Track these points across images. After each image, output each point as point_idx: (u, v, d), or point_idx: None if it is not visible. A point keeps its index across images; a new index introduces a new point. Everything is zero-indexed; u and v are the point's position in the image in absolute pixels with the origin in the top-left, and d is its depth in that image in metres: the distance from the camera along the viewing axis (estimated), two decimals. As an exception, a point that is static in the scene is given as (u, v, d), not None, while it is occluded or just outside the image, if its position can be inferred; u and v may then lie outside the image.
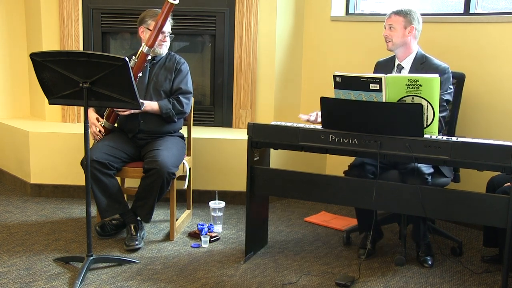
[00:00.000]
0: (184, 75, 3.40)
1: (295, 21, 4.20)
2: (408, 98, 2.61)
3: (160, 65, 3.38)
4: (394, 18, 3.03)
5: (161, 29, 3.12)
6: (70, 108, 4.24)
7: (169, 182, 3.10)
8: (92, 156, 3.03)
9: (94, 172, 3.04)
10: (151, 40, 3.13)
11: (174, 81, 3.37)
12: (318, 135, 2.76)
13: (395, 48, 3.07)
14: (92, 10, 4.16)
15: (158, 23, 3.10)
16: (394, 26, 3.03)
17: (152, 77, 3.35)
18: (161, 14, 3.10)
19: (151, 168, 3.05)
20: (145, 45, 3.13)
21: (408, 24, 3.02)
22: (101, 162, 3.06)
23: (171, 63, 3.40)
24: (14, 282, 2.71)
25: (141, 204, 3.15)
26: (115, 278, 2.78)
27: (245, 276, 2.84)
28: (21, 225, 3.47)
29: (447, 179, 3.04)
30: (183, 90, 3.36)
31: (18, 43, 4.42)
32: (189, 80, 3.44)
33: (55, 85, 2.70)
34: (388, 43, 3.07)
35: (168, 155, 3.13)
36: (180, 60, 3.44)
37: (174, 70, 3.38)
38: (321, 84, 4.11)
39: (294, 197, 3.35)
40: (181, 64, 3.42)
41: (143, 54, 3.14)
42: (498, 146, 2.47)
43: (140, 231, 3.21)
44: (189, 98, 3.38)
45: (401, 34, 3.03)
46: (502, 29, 3.36)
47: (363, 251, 3.04)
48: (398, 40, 3.03)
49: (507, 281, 2.57)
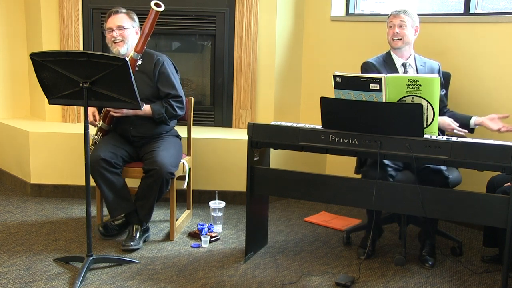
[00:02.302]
0: (167, 76, 3.24)
1: (295, 21, 4.20)
2: (408, 98, 2.61)
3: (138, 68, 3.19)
4: (404, 17, 3.07)
5: (148, 34, 3.06)
6: (70, 108, 4.24)
7: (169, 182, 3.10)
8: (99, 155, 3.04)
9: (101, 171, 3.04)
10: (139, 46, 3.08)
11: (159, 86, 3.23)
12: (318, 135, 2.76)
13: (404, 46, 3.10)
14: (92, 10, 4.16)
15: (145, 29, 3.05)
16: (405, 24, 3.07)
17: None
18: (147, 21, 3.03)
19: (150, 169, 3.06)
20: (134, 50, 3.09)
21: (414, 24, 3.11)
22: (108, 161, 3.06)
23: (149, 64, 3.23)
24: (14, 282, 2.71)
25: (141, 204, 3.15)
26: (115, 278, 2.78)
27: (245, 276, 2.84)
28: (21, 225, 3.47)
29: (459, 175, 3.07)
30: (172, 95, 3.24)
31: (18, 43, 4.42)
32: (176, 80, 3.28)
33: (55, 85, 2.70)
34: (398, 41, 3.08)
35: (167, 155, 3.12)
36: (159, 60, 3.25)
37: (154, 75, 3.23)
38: (321, 84, 4.12)
39: (294, 197, 3.35)
40: (160, 65, 3.24)
41: (132, 60, 3.07)
42: (498, 146, 2.47)
43: (142, 233, 3.20)
44: (181, 102, 3.27)
45: (410, 33, 3.09)
46: (502, 29, 3.36)
47: (362, 251, 3.04)
48: (408, 38, 3.09)
49: (507, 281, 2.57)
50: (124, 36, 3.21)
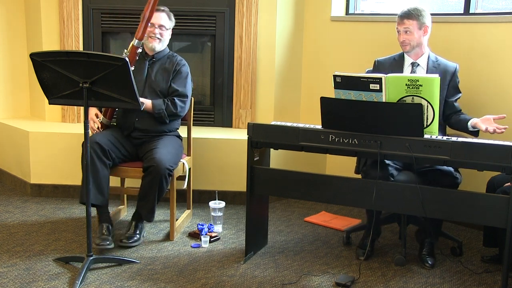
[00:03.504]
0: (183, 77, 3.37)
1: (295, 21, 4.20)
2: (408, 98, 2.62)
3: (160, 64, 3.37)
4: (408, 23, 3.00)
5: (149, 20, 3.12)
6: (70, 108, 4.24)
7: (168, 179, 3.10)
8: (95, 138, 3.05)
9: (92, 154, 3.01)
10: (140, 32, 3.13)
11: (172, 82, 3.34)
12: (318, 135, 2.76)
13: (414, 49, 3.06)
14: (92, 10, 4.16)
15: (145, 15, 3.10)
16: (410, 30, 3.01)
17: (149, 76, 3.34)
18: (147, 6, 3.11)
19: (149, 166, 3.07)
20: (135, 37, 3.14)
21: (422, 25, 3.02)
22: (102, 147, 3.06)
23: (171, 64, 3.37)
24: (14, 282, 2.71)
25: (143, 204, 3.15)
26: (115, 278, 2.78)
27: (245, 276, 2.84)
28: (21, 225, 3.47)
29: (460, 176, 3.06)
30: (179, 92, 3.32)
31: (18, 43, 4.42)
32: (188, 83, 3.40)
33: (55, 85, 2.70)
34: (405, 46, 3.05)
35: (165, 152, 3.14)
36: (181, 61, 3.41)
37: (173, 71, 3.35)
38: (321, 84, 4.12)
39: (294, 197, 3.35)
40: (181, 66, 3.39)
41: (133, 47, 3.15)
42: (498, 146, 2.47)
43: (140, 230, 3.21)
44: (185, 102, 3.33)
45: (417, 36, 3.02)
46: (502, 29, 3.36)
47: (361, 252, 3.04)
48: (416, 42, 3.04)
49: (507, 281, 2.57)
50: (163, 35, 3.34)
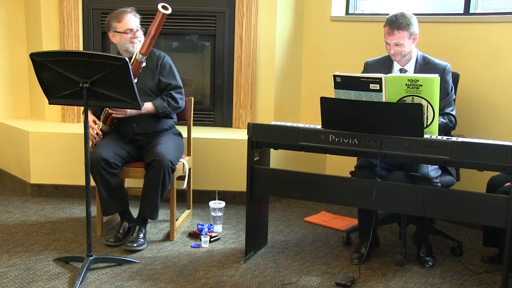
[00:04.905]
0: (168, 69, 3.36)
1: (295, 21, 4.20)
2: (408, 98, 2.61)
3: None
4: (399, 35, 2.91)
5: (154, 37, 3.08)
6: (70, 108, 4.24)
7: (170, 174, 3.11)
8: (101, 154, 3.06)
9: (100, 171, 3.07)
10: (145, 48, 3.09)
11: (160, 77, 3.34)
12: (318, 135, 2.76)
13: (403, 58, 3.01)
14: (92, 10, 4.16)
15: (150, 32, 3.06)
16: (400, 42, 2.94)
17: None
18: (153, 23, 3.05)
19: (152, 161, 3.09)
20: (139, 53, 3.10)
21: (412, 34, 2.95)
22: (108, 161, 3.08)
23: (151, 60, 3.33)
24: (14, 282, 2.71)
25: (147, 202, 3.15)
26: (115, 278, 2.78)
27: (245, 276, 2.84)
28: (21, 225, 3.47)
29: (453, 179, 3.04)
30: (173, 85, 3.35)
31: (18, 43, 4.42)
32: (176, 73, 3.40)
33: (55, 85, 2.70)
34: (396, 56, 3.00)
35: (167, 147, 3.17)
36: (160, 54, 3.37)
37: (156, 67, 3.34)
38: (321, 84, 4.11)
39: (294, 197, 3.35)
40: (162, 59, 3.36)
41: (137, 62, 3.10)
42: (498, 146, 2.47)
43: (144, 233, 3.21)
44: (182, 93, 3.38)
45: (408, 46, 2.96)
46: (502, 29, 3.36)
47: (356, 256, 3.03)
48: (406, 52, 2.98)
49: (507, 281, 2.57)
50: (140, 35, 3.30)
